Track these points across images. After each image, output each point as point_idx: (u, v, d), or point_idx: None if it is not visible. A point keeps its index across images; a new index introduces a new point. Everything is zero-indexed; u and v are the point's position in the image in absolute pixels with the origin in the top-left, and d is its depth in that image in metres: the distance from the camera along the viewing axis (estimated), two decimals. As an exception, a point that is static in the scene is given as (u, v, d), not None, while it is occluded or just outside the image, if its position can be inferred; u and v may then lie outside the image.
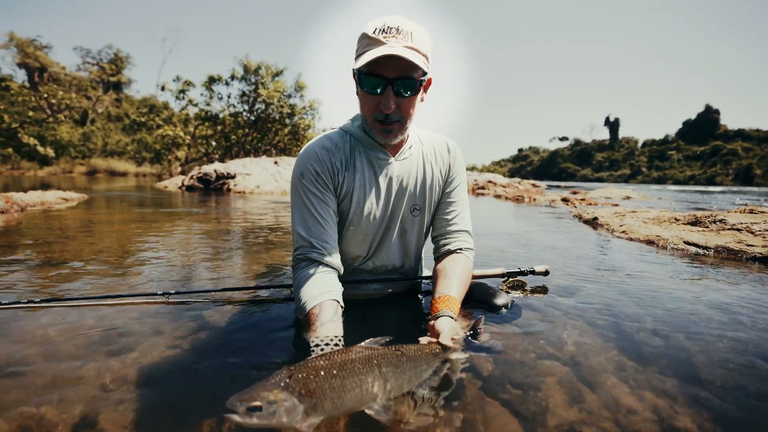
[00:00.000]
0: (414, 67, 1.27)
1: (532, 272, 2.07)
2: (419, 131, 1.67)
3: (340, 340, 1.13)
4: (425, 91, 1.45)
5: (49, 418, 0.93)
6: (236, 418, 0.75)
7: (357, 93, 1.41)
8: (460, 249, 1.62)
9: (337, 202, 1.52)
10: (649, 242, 3.59)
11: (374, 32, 1.26)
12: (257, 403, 0.76)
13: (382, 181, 1.54)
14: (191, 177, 13.20)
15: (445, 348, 1.17)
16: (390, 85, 1.29)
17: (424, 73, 1.33)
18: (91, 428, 0.90)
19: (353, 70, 1.35)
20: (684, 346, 1.40)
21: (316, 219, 1.44)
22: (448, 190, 1.66)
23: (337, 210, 1.53)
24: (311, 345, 1.12)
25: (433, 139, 1.67)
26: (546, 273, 2.10)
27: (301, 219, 1.46)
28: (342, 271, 1.48)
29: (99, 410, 0.96)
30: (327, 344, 1.11)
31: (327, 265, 1.41)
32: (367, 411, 0.90)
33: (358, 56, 1.31)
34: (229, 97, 26.15)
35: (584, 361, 1.27)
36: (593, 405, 1.03)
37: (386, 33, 1.25)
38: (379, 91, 1.31)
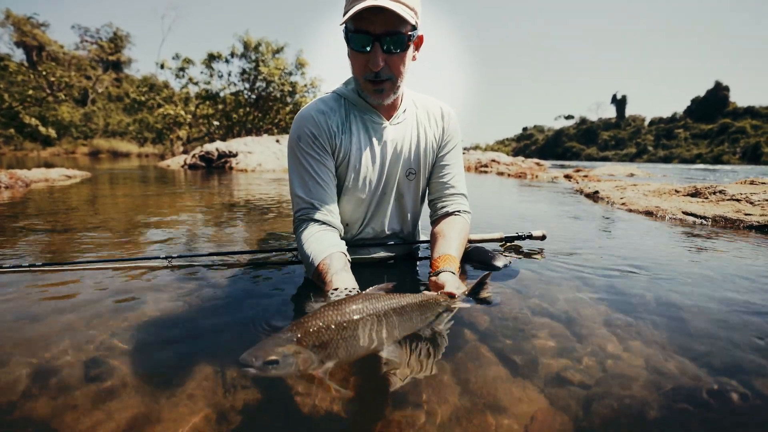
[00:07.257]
0: (401, 20, 1.24)
1: (530, 237, 2.10)
2: (414, 94, 1.65)
3: (358, 292, 1.15)
4: (417, 49, 1.42)
5: (60, 364, 0.97)
6: (253, 371, 0.76)
7: (348, 54, 1.39)
8: (458, 211, 1.64)
9: (335, 165, 1.52)
10: (648, 213, 3.59)
11: None
12: (274, 357, 0.77)
13: (378, 145, 1.53)
14: (193, 156, 13.17)
15: (447, 297, 1.20)
16: (378, 42, 1.26)
17: (414, 28, 1.30)
18: (100, 368, 0.95)
19: (343, 30, 1.32)
20: (675, 302, 1.43)
21: (316, 181, 1.44)
22: (442, 154, 1.66)
23: (335, 173, 1.53)
24: (329, 295, 1.14)
25: (428, 103, 1.65)
26: (543, 237, 2.12)
27: (300, 181, 1.46)
28: (343, 233, 1.50)
29: (106, 360, 1.01)
30: (347, 294, 1.11)
31: (329, 225, 1.43)
32: (378, 354, 0.93)
33: (344, 14, 1.28)
34: (229, 75, 25.82)
35: (576, 316, 1.30)
36: (582, 354, 1.06)
37: None
38: (367, 48, 1.28)
